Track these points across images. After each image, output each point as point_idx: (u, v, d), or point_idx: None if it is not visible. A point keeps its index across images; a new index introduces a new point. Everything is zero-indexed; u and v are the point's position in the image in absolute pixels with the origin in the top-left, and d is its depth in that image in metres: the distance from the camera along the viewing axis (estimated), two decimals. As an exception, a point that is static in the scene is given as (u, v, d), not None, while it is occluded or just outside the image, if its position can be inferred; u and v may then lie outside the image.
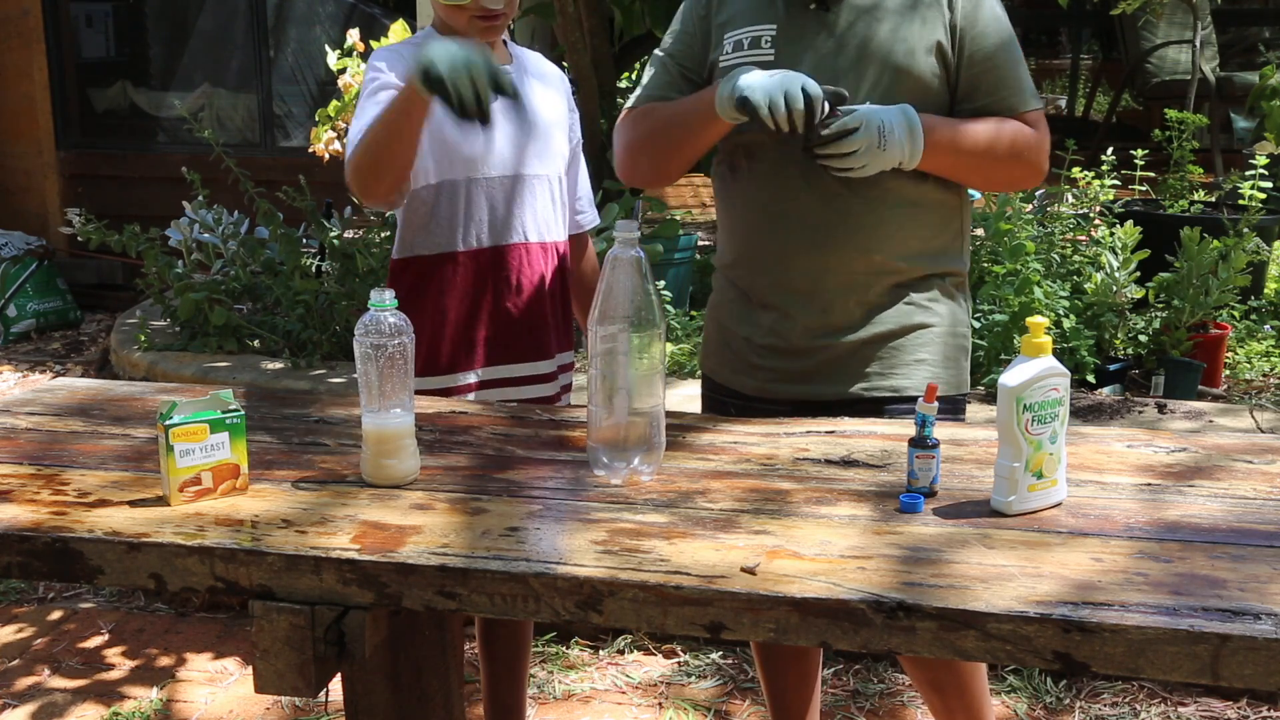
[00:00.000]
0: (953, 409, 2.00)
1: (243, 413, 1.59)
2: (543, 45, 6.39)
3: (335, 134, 4.81)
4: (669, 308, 4.58)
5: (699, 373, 2.26)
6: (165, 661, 3.06)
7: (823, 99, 1.78)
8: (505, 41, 2.19)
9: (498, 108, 1.91)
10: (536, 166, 2.16)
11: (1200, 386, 3.89)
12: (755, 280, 2.01)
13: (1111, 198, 4.68)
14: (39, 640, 3.18)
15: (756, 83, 1.79)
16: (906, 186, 1.92)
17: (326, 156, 4.82)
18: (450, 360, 2.16)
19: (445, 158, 2.10)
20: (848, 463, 1.70)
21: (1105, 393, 3.76)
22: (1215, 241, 4.09)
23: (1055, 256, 4.31)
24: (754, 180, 1.98)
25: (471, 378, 2.18)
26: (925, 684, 2.07)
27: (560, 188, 2.23)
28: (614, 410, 1.63)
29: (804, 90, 1.76)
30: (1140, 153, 4.89)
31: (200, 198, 4.95)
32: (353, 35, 4.65)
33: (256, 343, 4.61)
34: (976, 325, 3.77)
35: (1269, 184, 4.40)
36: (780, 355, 1.99)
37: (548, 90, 2.22)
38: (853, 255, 1.93)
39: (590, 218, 2.36)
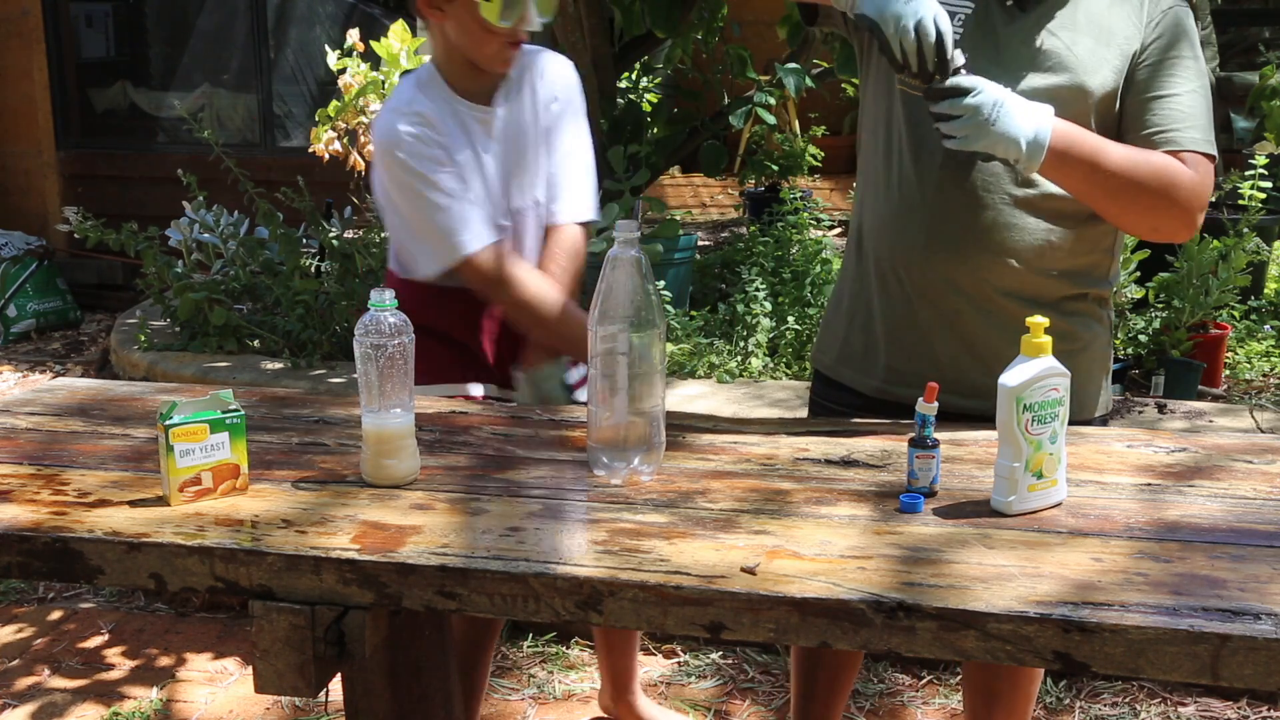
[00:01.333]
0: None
1: (243, 413, 1.59)
2: (543, 45, 6.38)
3: (335, 134, 4.81)
4: (669, 308, 4.58)
5: (699, 373, 2.22)
6: (165, 661, 3.06)
7: (955, 41, 1.64)
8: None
9: (489, 157, 2.03)
10: (519, 199, 2.13)
11: (1200, 386, 3.89)
12: (880, 271, 1.91)
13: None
14: (39, 640, 3.18)
15: (889, 6, 1.62)
16: (1055, 198, 1.80)
17: (326, 156, 4.82)
18: (458, 373, 2.16)
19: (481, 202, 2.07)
20: (848, 463, 1.70)
21: (1105, 393, 3.75)
22: (1215, 241, 4.09)
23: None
24: (898, 162, 1.88)
25: (478, 390, 2.17)
26: (979, 691, 2.08)
27: (529, 219, 2.17)
28: (614, 410, 1.63)
29: (937, 25, 1.62)
30: (1140, 153, 4.88)
31: (200, 198, 4.96)
32: (353, 35, 4.65)
33: (256, 343, 4.61)
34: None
35: (1269, 184, 4.40)
36: (907, 358, 1.90)
37: (542, 102, 2.15)
38: (989, 262, 1.82)
39: (571, 212, 2.19)
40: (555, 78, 2.18)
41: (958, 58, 1.65)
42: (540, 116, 2.15)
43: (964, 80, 1.65)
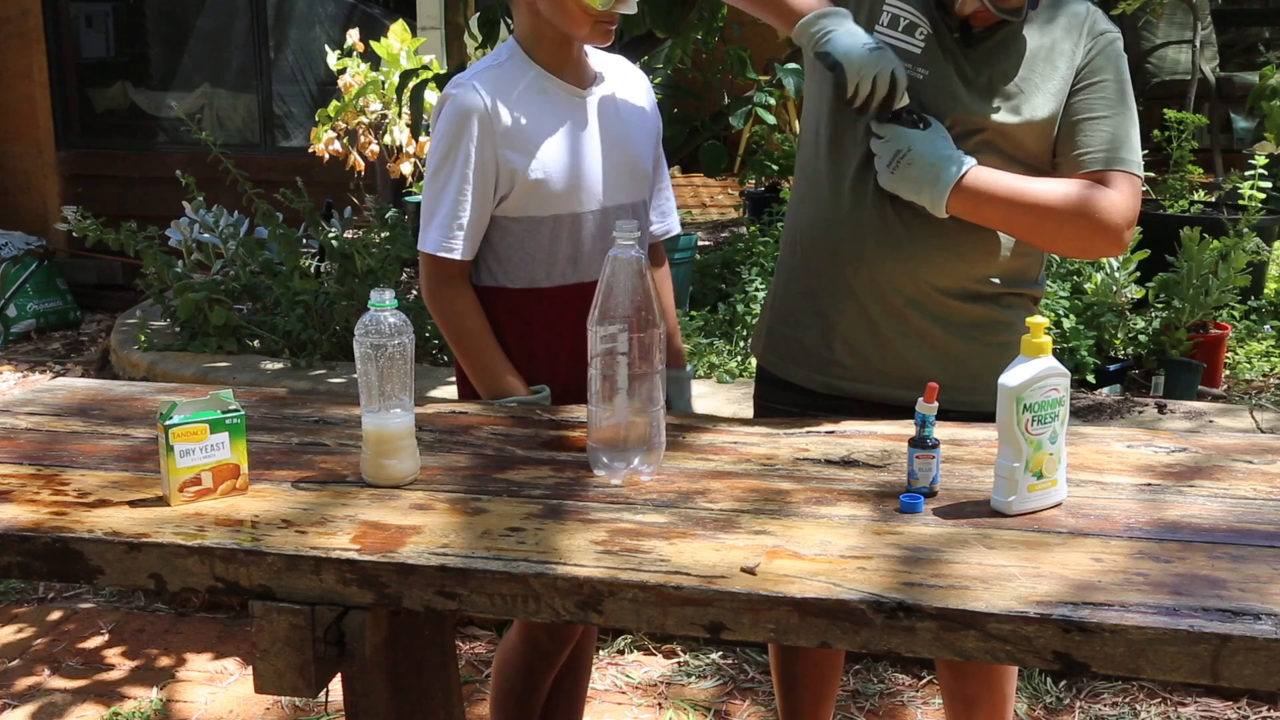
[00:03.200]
0: None
1: (243, 413, 1.59)
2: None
3: (335, 134, 4.81)
4: (669, 308, 4.57)
5: (699, 373, 2.23)
6: (165, 661, 3.06)
7: (903, 91, 1.79)
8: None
9: (587, 137, 1.97)
10: (626, 195, 2.07)
11: (1200, 386, 3.89)
12: (826, 270, 1.97)
13: (1112, 198, 4.67)
14: (39, 640, 3.18)
15: (854, 52, 1.78)
16: None
17: (326, 157, 4.83)
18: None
19: (537, 193, 1.98)
20: (848, 463, 1.70)
21: (1105, 393, 3.76)
22: (1215, 241, 4.09)
23: (1055, 256, 4.31)
24: (839, 165, 1.94)
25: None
26: (957, 698, 2.08)
27: (645, 214, 2.12)
28: (614, 410, 1.63)
29: (894, 77, 1.78)
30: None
31: (199, 199, 4.96)
32: (352, 35, 4.66)
33: (256, 343, 4.61)
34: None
35: (1269, 184, 4.40)
36: (855, 354, 1.96)
37: (635, 104, 2.10)
38: (930, 264, 1.90)
39: (661, 226, 2.21)
40: (648, 87, 2.16)
41: (904, 99, 1.81)
42: (647, 117, 2.12)
43: (880, 130, 1.83)
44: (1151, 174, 5.09)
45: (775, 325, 2.07)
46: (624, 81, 2.10)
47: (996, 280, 1.93)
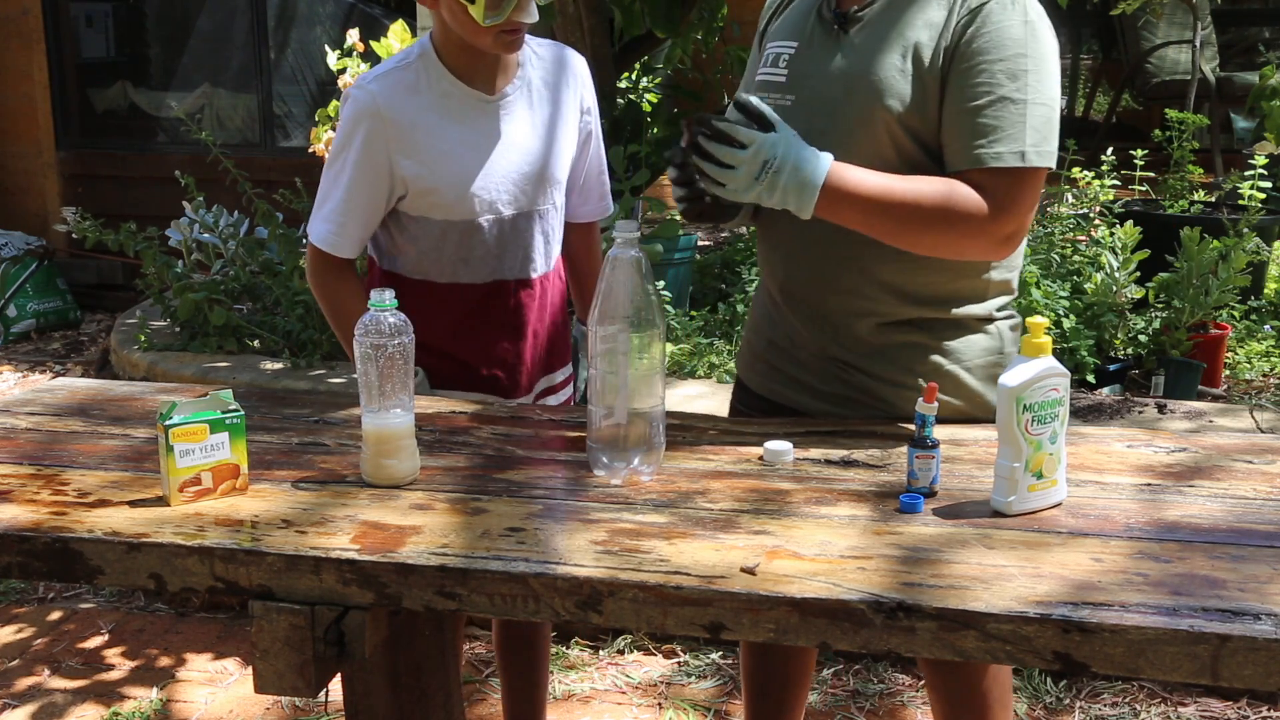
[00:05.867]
0: None
1: (243, 413, 1.59)
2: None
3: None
4: (669, 308, 4.58)
5: (699, 373, 2.23)
6: (165, 661, 3.06)
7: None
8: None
9: (489, 146, 1.99)
10: (541, 200, 2.09)
11: (1200, 386, 3.89)
12: (769, 281, 1.98)
13: (1111, 198, 4.68)
14: (39, 640, 3.18)
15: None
16: None
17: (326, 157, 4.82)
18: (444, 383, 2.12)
19: (429, 200, 2.01)
20: (848, 463, 1.70)
21: (1105, 393, 3.75)
22: (1215, 241, 4.09)
23: (1055, 256, 4.31)
24: None
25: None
26: (936, 691, 2.06)
27: (554, 216, 2.14)
28: (614, 410, 1.63)
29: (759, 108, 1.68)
30: (1140, 153, 4.89)
31: (199, 199, 4.96)
32: (352, 35, 4.65)
33: (256, 343, 4.61)
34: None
35: (1269, 184, 4.40)
36: (789, 361, 1.95)
37: (556, 104, 2.10)
38: (863, 284, 1.83)
39: (593, 209, 2.26)
40: (582, 77, 2.15)
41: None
42: (567, 116, 2.11)
43: (742, 135, 1.65)
44: (1152, 174, 5.09)
45: (746, 334, 2.10)
46: (551, 78, 2.10)
47: (930, 296, 1.82)
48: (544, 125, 2.09)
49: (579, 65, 2.16)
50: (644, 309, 1.60)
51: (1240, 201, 4.48)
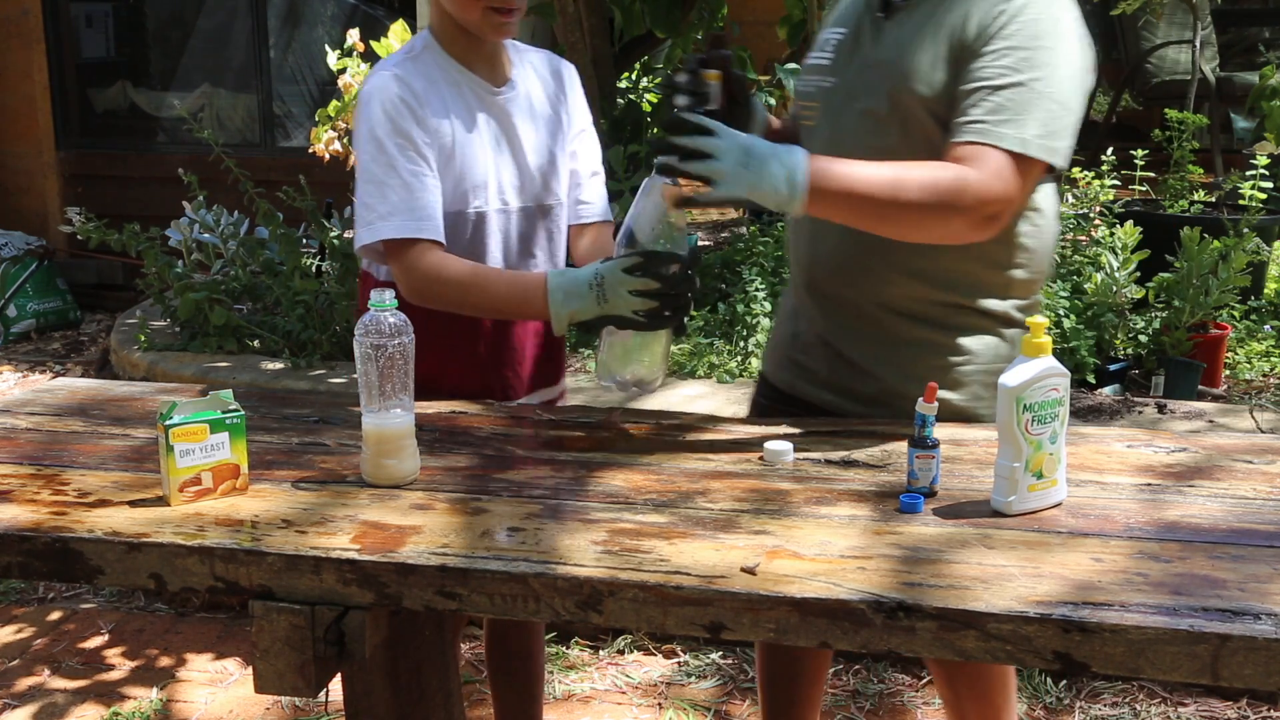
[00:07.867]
0: None
1: (243, 413, 1.59)
2: (543, 45, 6.39)
3: (335, 134, 4.81)
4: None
5: (699, 373, 2.24)
6: (165, 661, 3.06)
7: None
8: (510, 42, 2.07)
9: (495, 137, 1.97)
10: (534, 198, 2.07)
11: (1200, 386, 3.89)
12: (795, 272, 2.02)
13: (1111, 198, 4.68)
14: (39, 640, 3.18)
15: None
16: None
17: (327, 156, 4.82)
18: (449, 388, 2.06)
19: (458, 186, 1.98)
20: (848, 463, 1.70)
21: (1105, 393, 3.75)
22: (1215, 241, 4.09)
23: (1055, 256, 4.31)
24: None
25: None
26: (949, 703, 2.07)
27: (559, 214, 2.13)
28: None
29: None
30: (1140, 153, 4.89)
31: (200, 198, 4.96)
32: (353, 35, 4.66)
33: (256, 343, 4.61)
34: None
35: (1269, 184, 4.40)
36: (808, 354, 1.97)
37: (552, 105, 2.10)
38: (880, 275, 1.85)
39: (594, 209, 2.19)
40: (574, 84, 2.16)
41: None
42: (563, 118, 2.11)
43: (706, 122, 1.63)
44: (1152, 174, 5.09)
45: (773, 329, 2.12)
46: (545, 83, 2.10)
47: (943, 284, 1.83)
48: (546, 122, 2.09)
49: (570, 73, 2.18)
50: (664, 237, 1.71)
51: (1240, 201, 4.48)
